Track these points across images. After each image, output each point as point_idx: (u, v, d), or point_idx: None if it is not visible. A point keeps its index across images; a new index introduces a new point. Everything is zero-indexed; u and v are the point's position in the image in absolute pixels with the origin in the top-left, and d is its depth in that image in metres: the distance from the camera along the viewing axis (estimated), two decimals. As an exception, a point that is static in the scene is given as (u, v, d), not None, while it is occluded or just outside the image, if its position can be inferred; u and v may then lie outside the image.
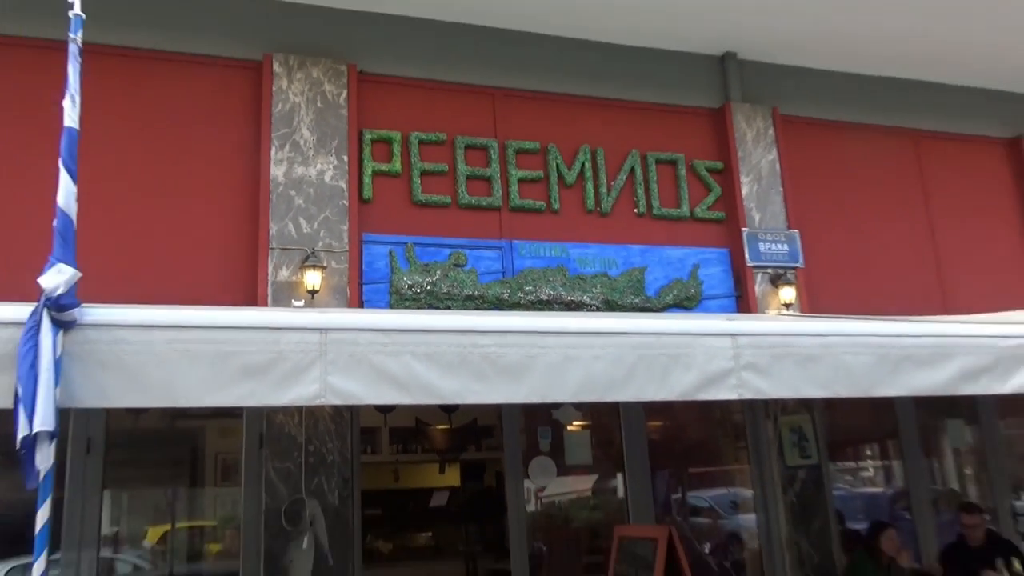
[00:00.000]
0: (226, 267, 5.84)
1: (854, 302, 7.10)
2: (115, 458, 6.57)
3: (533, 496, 7.60)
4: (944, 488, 8.59)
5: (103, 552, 6.91)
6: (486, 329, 3.49)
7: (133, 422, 6.42)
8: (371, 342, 3.30)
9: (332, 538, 5.47)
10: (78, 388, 2.94)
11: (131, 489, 7.10)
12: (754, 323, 4.09)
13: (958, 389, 4.12)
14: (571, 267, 6.61)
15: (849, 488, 8.92)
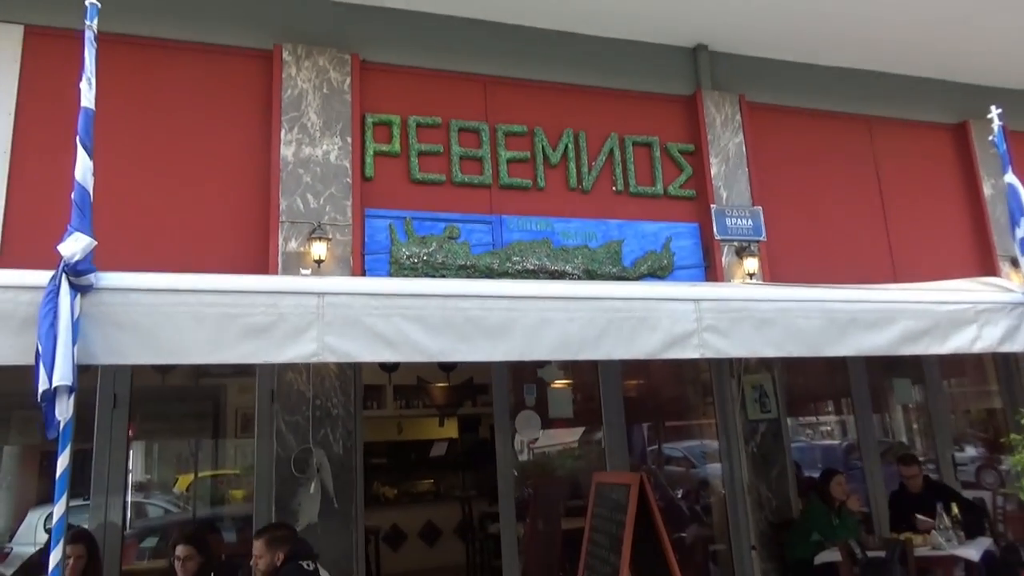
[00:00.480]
0: (240, 239, 5.78)
1: (811, 272, 7.03)
2: (144, 412, 6.60)
3: (526, 447, 7.62)
4: (894, 441, 8.64)
5: (135, 497, 6.98)
6: (470, 294, 3.46)
7: (159, 380, 6.42)
8: (364, 305, 3.27)
9: (337, 484, 5.47)
10: (95, 346, 2.91)
11: (159, 440, 7.14)
12: (716, 290, 4.07)
13: (900, 350, 4.11)
14: (555, 240, 6.55)
15: (809, 440, 8.96)
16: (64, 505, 2.80)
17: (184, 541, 4.73)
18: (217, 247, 5.68)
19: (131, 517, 6.73)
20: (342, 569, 5.34)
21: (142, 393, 6.51)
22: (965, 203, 8.08)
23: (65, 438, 2.82)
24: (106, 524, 5.14)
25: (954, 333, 4.19)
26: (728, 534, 6.63)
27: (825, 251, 7.43)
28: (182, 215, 5.65)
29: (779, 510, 6.51)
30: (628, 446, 7.43)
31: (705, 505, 7.29)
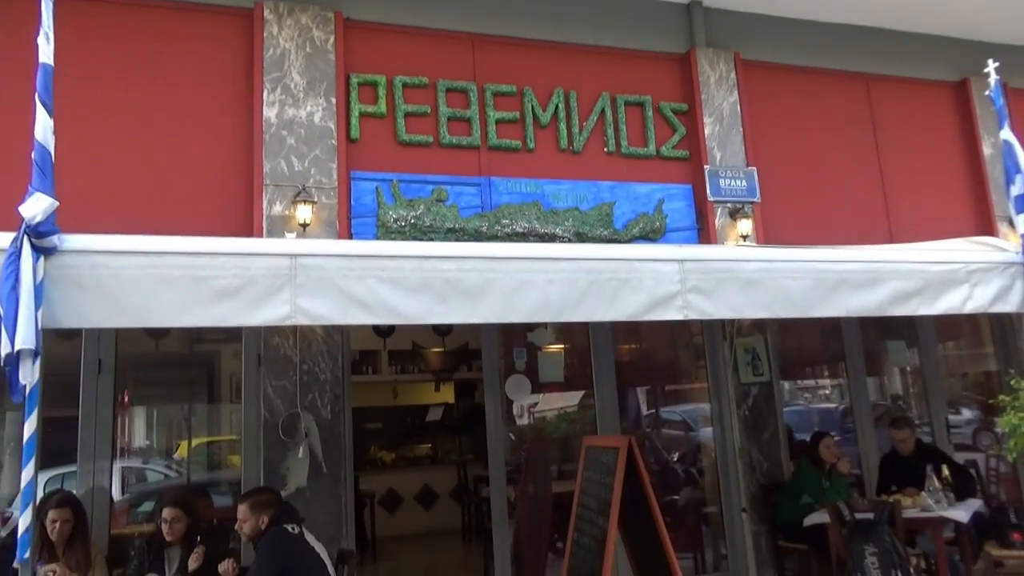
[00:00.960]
0: (225, 203, 5.69)
1: (807, 233, 6.95)
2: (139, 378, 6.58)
3: (525, 411, 7.61)
4: (891, 404, 8.62)
5: (134, 462, 7.01)
6: (447, 255, 3.39)
7: (153, 346, 6.36)
8: (338, 267, 3.20)
9: (325, 448, 5.45)
10: (59, 310, 2.85)
11: (156, 406, 7.13)
12: (701, 250, 4.01)
13: (890, 310, 4.04)
14: (545, 202, 6.45)
15: (807, 404, 8.94)
16: (32, 470, 2.76)
17: (170, 504, 4.73)
18: (200, 211, 5.60)
19: (131, 481, 6.79)
20: (331, 532, 5.34)
21: (135, 359, 6.49)
22: (964, 163, 7.94)
23: (31, 403, 2.77)
24: (94, 489, 5.14)
25: (945, 293, 4.12)
26: (719, 497, 6.64)
27: (821, 212, 7.32)
28: (164, 179, 5.56)
29: (770, 473, 6.51)
30: (622, 410, 7.43)
31: (700, 468, 7.29)
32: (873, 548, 4.94)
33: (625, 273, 3.57)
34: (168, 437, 7.37)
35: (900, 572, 4.88)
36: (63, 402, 6.52)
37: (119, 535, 5.21)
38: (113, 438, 5.31)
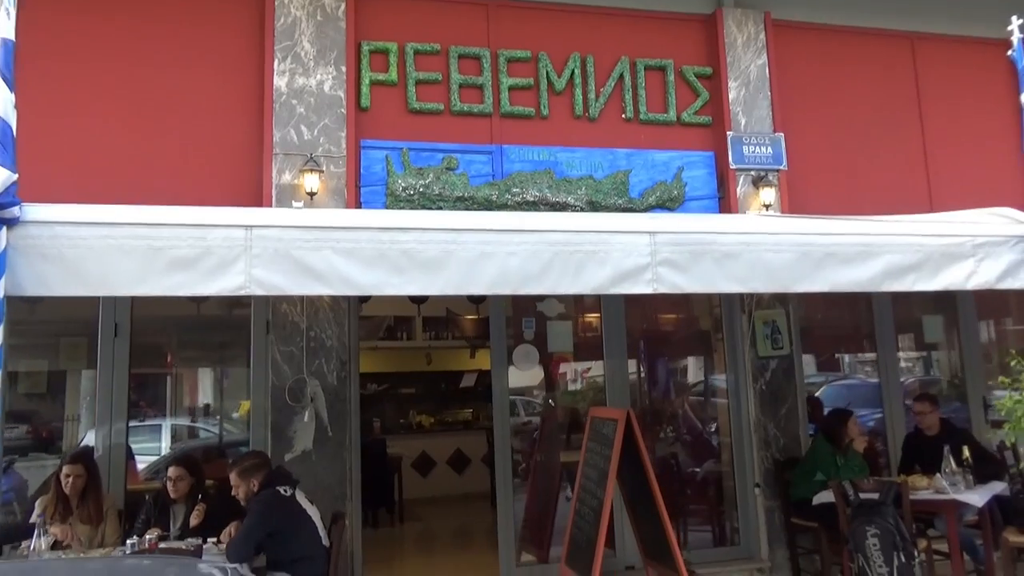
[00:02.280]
0: (234, 171, 5.81)
1: (837, 203, 6.63)
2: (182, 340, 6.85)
3: (579, 376, 7.54)
4: (931, 377, 8.27)
5: (182, 421, 7.36)
6: (406, 226, 3.38)
7: (195, 310, 6.57)
8: (294, 238, 3.24)
9: (331, 413, 5.59)
10: (22, 278, 2.98)
11: (198, 368, 7.44)
12: (675, 222, 3.87)
13: (883, 286, 3.86)
14: (558, 170, 6.35)
15: (865, 378, 8.60)
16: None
17: (175, 463, 4.96)
18: (210, 181, 5.72)
19: (182, 438, 7.14)
20: (335, 493, 5.50)
21: (177, 323, 6.76)
22: (1015, 127, 7.41)
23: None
24: (111, 447, 5.41)
25: (947, 268, 3.89)
26: (733, 471, 6.52)
27: (854, 182, 6.97)
28: (173, 149, 5.69)
29: (787, 448, 6.34)
30: (652, 380, 7.35)
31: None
32: (875, 529, 4.77)
33: (591, 245, 3.50)
34: (214, 398, 7.65)
35: (903, 555, 4.71)
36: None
37: (135, 490, 5.46)
38: (127, 398, 5.53)
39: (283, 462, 5.41)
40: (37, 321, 6.55)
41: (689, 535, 6.77)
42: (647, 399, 7.21)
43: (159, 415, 7.46)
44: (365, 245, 3.27)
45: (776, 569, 6.17)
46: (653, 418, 7.20)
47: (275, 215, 3.39)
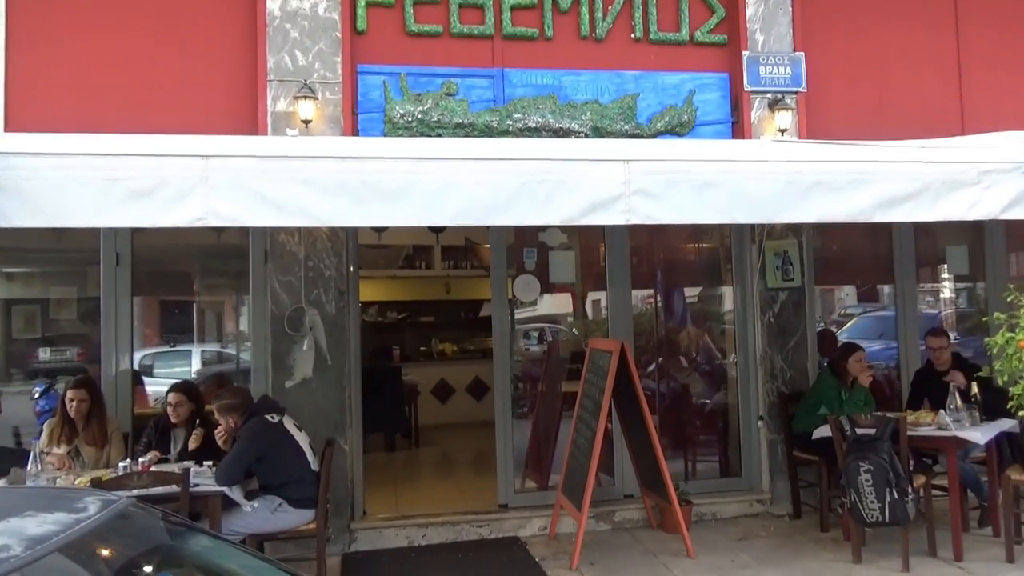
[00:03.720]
0: (229, 99, 5.75)
1: (859, 127, 6.28)
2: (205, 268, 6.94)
3: (602, 306, 7.44)
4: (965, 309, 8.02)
5: (209, 346, 7.56)
6: (367, 155, 3.30)
7: (216, 238, 6.61)
8: (252, 168, 3.19)
9: (330, 342, 5.65)
10: (-19, 209, 2.98)
11: (223, 296, 7.58)
12: (652, 149, 3.71)
13: (876, 216, 3.70)
14: (562, 95, 6.13)
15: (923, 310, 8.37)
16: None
17: (174, 389, 5.09)
18: (206, 109, 5.68)
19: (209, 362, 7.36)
20: (335, 420, 5.61)
21: (200, 251, 6.83)
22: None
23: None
24: (117, 374, 5.57)
25: (947, 197, 3.68)
26: (737, 404, 6.46)
27: (879, 104, 6.60)
28: (166, 76, 5.64)
29: (794, 381, 6.24)
30: (668, 309, 7.24)
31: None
32: (868, 465, 4.70)
33: (561, 174, 3.38)
34: (236, 325, 7.80)
35: (895, 492, 4.64)
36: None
37: (143, 414, 5.65)
38: (131, 326, 5.66)
39: (284, 389, 5.53)
40: (66, 249, 6.72)
41: (696, 466, 6.78)
42: (663, 329, 7.12)
43: (188, 342, 7.70)
44: (325, 175, 3.21)
45: (776, 501, 6.16)
46: (668, 348, 7.12)
47: (232, 144, 3.33)
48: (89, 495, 1.70)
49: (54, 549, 1.31)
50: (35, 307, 7.21)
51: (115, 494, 1.85)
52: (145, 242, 5.79)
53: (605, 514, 5.97)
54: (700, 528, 5.84)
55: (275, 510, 4.50)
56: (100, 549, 1.47)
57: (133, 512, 1.67)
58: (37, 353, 7.03)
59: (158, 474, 4.19)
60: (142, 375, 7.05)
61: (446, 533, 5.75)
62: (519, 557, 5.35)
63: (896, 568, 4.78)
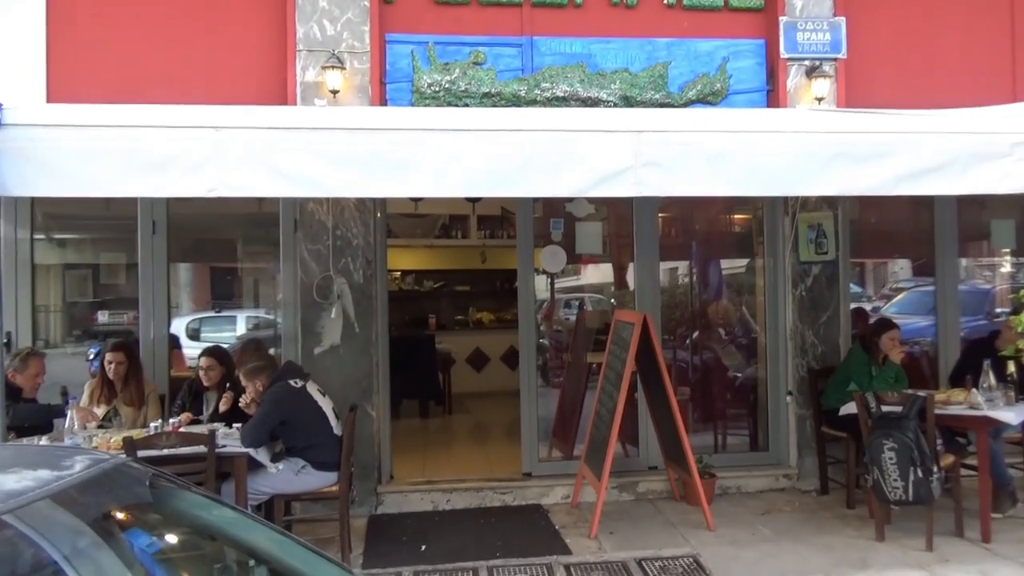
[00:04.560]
0: (259, 69, 5.83)
1: (904, 96, 6.08)
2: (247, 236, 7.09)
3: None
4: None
5: (257, 312, 7.77)
6: (377, 127, 3.33)
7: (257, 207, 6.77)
8: (263, 140, 3.25)
9: (357, 310, 5.75)
10: (7, 179, 3.13)
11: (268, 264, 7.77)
12: (663, 119, 3.64)
13: (898, 189, 3.56)
14: (591, 64, 6.05)
15: (975, 286, 8.14)
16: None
17: (206, 353, 5.26)
18: (238, 78, 5.77)
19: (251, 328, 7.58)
20: (363, 386, 5.73)
21: (244, 219, 6.98)
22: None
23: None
24: (154, 337, 5.78)
25: (975, 169, 3.53)
26: (766, 379, 6.39)
27: (925, 71, 6.34)
28: (198, 49, 5.75)
29: (825, 357, 6.13)
30: (704, 281, 7.17)
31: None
32: (892, 443, 4.61)
33: (569, 145, 3.35)
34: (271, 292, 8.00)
35: (920, 471, 4.55)
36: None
37: (179, 377, 5.85)
38: (167, 291, 5.85)
39: (313, 356, 5.67)
40: (115, 217, 6.95)
41: (727, 439, 6.75)
42: (697, 301, 7.06)
43: (233, 308, 7.94)
44: (335, 147, 3.25)
45: (803, 477, 6.10)
46: (703, 321, 7.06)
47: (245, 115, 3.38)
48: (82, 455, 1.79)
49: (30, 502, 1.40)
50: (87, 271, 7.49)
51: (108, 454, 1.95)
52: (181, 210, 5.96)
53: (628, 484, 6.00)
54: (724, 501, 5.83)
55: (299, 472, 4.64)
56: (76, 504, 1.56)
57: (120, 472, 1.76)
58: (96, 316, 7.30)
59: (186, 435, 4.36)
60: (190, 339, 7.33)
61: (470, 499, 5.86)
62: (540, 524, 5.43)
63: (920, 547, 4.71)
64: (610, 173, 3.36)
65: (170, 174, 3.18)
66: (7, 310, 5.70)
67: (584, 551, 4.85)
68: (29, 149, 3.13)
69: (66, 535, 1.57)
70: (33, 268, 5.97)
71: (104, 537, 1.62)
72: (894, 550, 4.72)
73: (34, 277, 6.00)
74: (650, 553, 4.76)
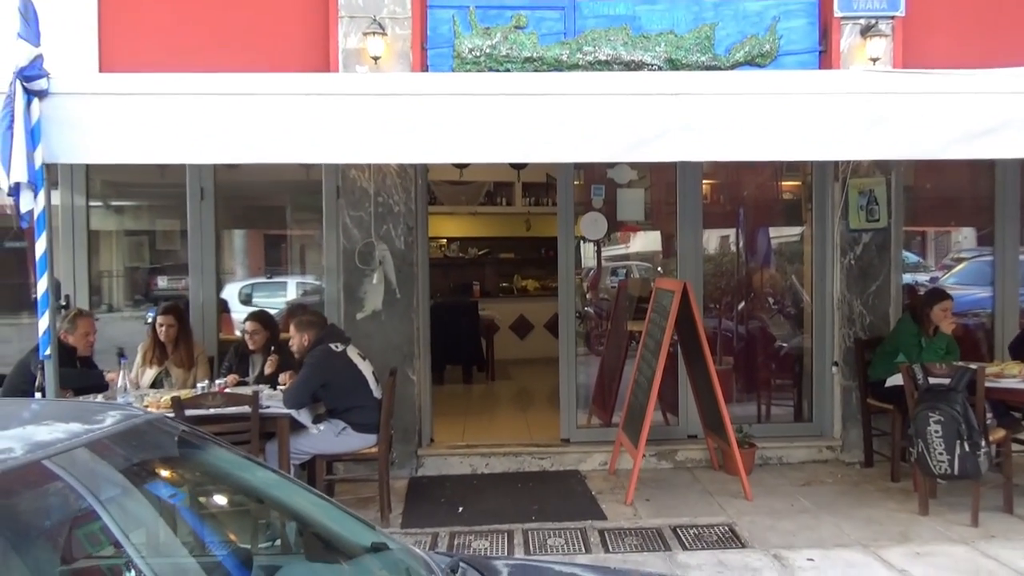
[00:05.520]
0: (303, 36, 5.87)
1: (969, 55, 5.74)
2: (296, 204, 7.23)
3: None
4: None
5: (305, 279, 7.95)
6: (417, 93, 3.33)
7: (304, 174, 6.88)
8: (304, 107, 3.28)
9: (399, 277, 5.84)
10: (55, 146, 3.26)
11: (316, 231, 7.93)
12: (700, 82, 3.55)
13: (948, 152, 3.44)
14: (635, 26, 5.93)
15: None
16: (46, 281, 3.29)
17: (251, 317, 5.42)
18: (281, 46, 5.83)
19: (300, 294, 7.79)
20: (404, 351, 5.83)
21: (292, 186, 7.11)
22: None
23: (40, 226, 3.26)
24: (203, 301, 5.96)
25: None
26: (812, 349, 6.27)
27: (989, 28, 6.02)
28: (244, 16, 5.81)
29: (873, 327, 5.99)
30: (752, 249, 7.05)
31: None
32: (938, 416, 4.49)
33: (607, 110, 3.31)
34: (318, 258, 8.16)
35: (966, 445, 4.43)
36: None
37: (227, 340, 6.04)
38: (216, 256, 6.01)
39: (355, 321, 5.79)
40: (168, 184, 7.15)
41: (771, 409, 6.68)
42: (743, 270, 6.95)
43: (283, 273, 8.12)
44: (374, 113, 3.28)
45: (847, 449, 6.00)
46: (749, 289, 6.95)
47: (286, 82, 3.42)
48: (115, 410, 1.88)
49: (56, 453, 1.49)
50: (144, 238, 7.74)
51: (141, 410, 2.04)
52: (228, 178, 6.10)
53: (667, 452, 5.99)
54: (764, 472, 5.79)
55: (339, 433, 4.77)
56: (109, 454, 1.65)
57: (151, 426, 1.85)
58: (155, 281, 7.55)
59: (231, 395, 4.51)
60: (242, 304, 7.53)
61: (508, 463, 5.94)
62: (576, 489, 5.48)
63: (965, 522, 4.61)
64: (645, 138, 3.31)
65: (212, 141, 3.25)
66: (66, 275, 5.95)
67: (619, 517, 4.89)
68: (75, 117, 3.24)
69: (99, 483, 1.66)
70: (89, 234, 6.18)
71: (135, 486, 1.71)
72: (937, 524, 4.63)
73: (91, 243, 6.21)
74: (685, 520, 4.77)
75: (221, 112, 3.27)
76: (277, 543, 2.22)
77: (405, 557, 2.00)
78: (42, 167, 3.21)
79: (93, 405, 2.42)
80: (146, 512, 1.72)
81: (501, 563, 2.13)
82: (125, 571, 1.63)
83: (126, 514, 1.63)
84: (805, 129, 3.32)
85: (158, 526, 1.76)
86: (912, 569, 4.00)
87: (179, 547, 1.88)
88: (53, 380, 3.32)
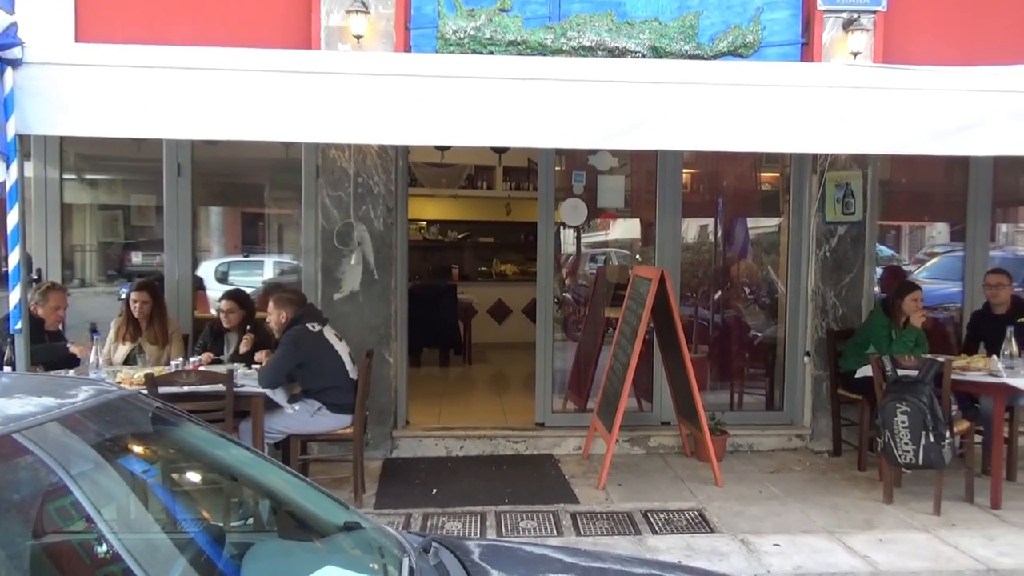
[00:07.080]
0: (285, 12, 5.79)
1: (950, 52, 5.81)
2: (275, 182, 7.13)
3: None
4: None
5: (283, 257, 7.88)
6: (399, 73, 3.32)
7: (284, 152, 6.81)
8: (283, 84, 3.25)
9: (377, 258, 5.83)
10: (29, 116, 3.21)
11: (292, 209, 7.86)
12: (678, 70, 3.57)
13: (926, 147, 3.49)
14: (620, 12, 5.92)
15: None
16: (18, 254, 3.25)
17: (226, 296, 5.38)
18: (261, 20, 5.75)
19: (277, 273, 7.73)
20: (381, 333, 5.84)
21: (266, 165, 7.05)
22: None
23: (11, 199, 3.21)
24: (178, 278, 5.91)
25: (1008, 128, 3.44)
26: (785, 339, 6.36)
27: (970, 27, 6.08)
28: (224, -12, 5.73)
29: (845, 319, 6.08)
30: (729, 240, 7.12)
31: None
32: (905, 407, 4.59)
33: (589, 96, 3.32)
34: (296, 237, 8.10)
35: (931, 435, 4.53)
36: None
37: (202, 318, 6.00)
38: (192, 232, 5.95)
39: (332, 301, 5.77)
40: (144, 159, 7.05)
41: (743, 397, 6.77)
42: (720, 259, 7.01)
43: (260, 252, 8.05)
44: (354, 93, 3.26)
45: (816, 438, 6.11)
46: (726, 278, 7.02)
47: (264, 58, 3.39)
48: (88, 385, 1.88)
49: (27, 427, 1.49)
50: (118, 212, 7.62)
51: (114, 386, 2.04)
52: (206, 154, 6.03)
53: (640, 439, 6.07)
54: (735, 459, 5.88)
55: (314, 413, 4.77)
56: (80, 429, 1.65)
57: (124, 402, 1.85)
58: (129, 257, 7.45)
59: (206, 373, 4.49)
60: (219, 281, 7.46)
61: (483, 446, 5.97)
62: (550, 473, 5.54)
63: (927, 511, 4.72)
64: (622, 127, 3.33)
65: (190, 116, 3.22)
66: (38, 249, 5.86)
67: (591, 501, 4.95)
68: (50, 88, 3.19)
69: (71, 457, 1.66)
70: (63, 208, 6.08)
71: (108, 461, 1.71)
72: (901, 513, 4.75)
73: (64, 217, 6.12)
74: (656, 505, 4.84)
75: (200, 87, 3.24)
76: (250, 521, 2.23)
77: (378, 536, 2.03)
78: (15, 138, 3.16)
79: (66, 380, 2.40)
80: (118, 488, 1.72)
81: (473, 544, 2.16)
82: (96, 546, 1.63)
83: (98, 489, 1.64)
84: (785, 121, 3.35)
85: (130, 502, 1.76)
86: (875, 555, 4.10)
87: (151, 523, 1.88)
88: (24, 354, 3.28)
